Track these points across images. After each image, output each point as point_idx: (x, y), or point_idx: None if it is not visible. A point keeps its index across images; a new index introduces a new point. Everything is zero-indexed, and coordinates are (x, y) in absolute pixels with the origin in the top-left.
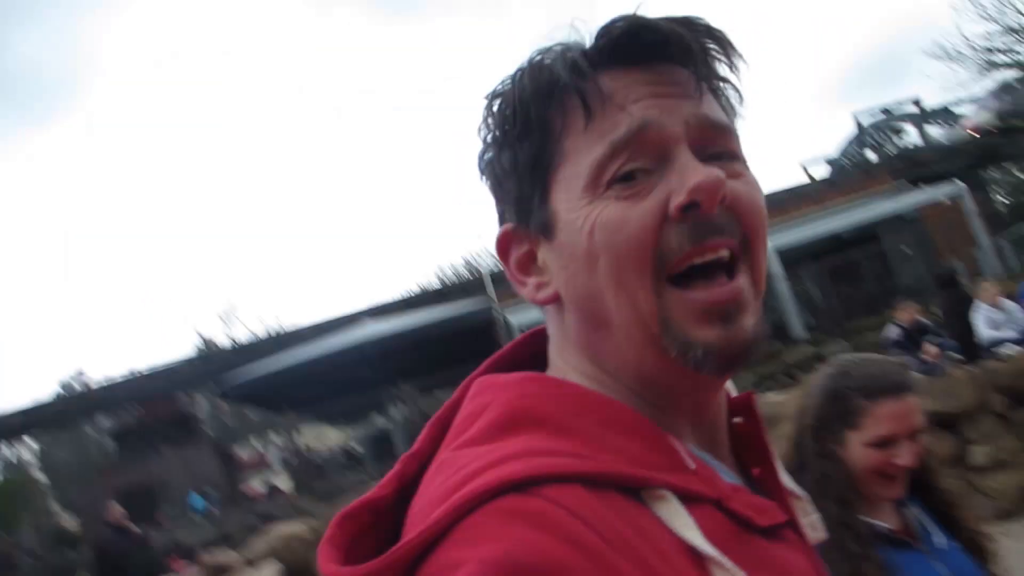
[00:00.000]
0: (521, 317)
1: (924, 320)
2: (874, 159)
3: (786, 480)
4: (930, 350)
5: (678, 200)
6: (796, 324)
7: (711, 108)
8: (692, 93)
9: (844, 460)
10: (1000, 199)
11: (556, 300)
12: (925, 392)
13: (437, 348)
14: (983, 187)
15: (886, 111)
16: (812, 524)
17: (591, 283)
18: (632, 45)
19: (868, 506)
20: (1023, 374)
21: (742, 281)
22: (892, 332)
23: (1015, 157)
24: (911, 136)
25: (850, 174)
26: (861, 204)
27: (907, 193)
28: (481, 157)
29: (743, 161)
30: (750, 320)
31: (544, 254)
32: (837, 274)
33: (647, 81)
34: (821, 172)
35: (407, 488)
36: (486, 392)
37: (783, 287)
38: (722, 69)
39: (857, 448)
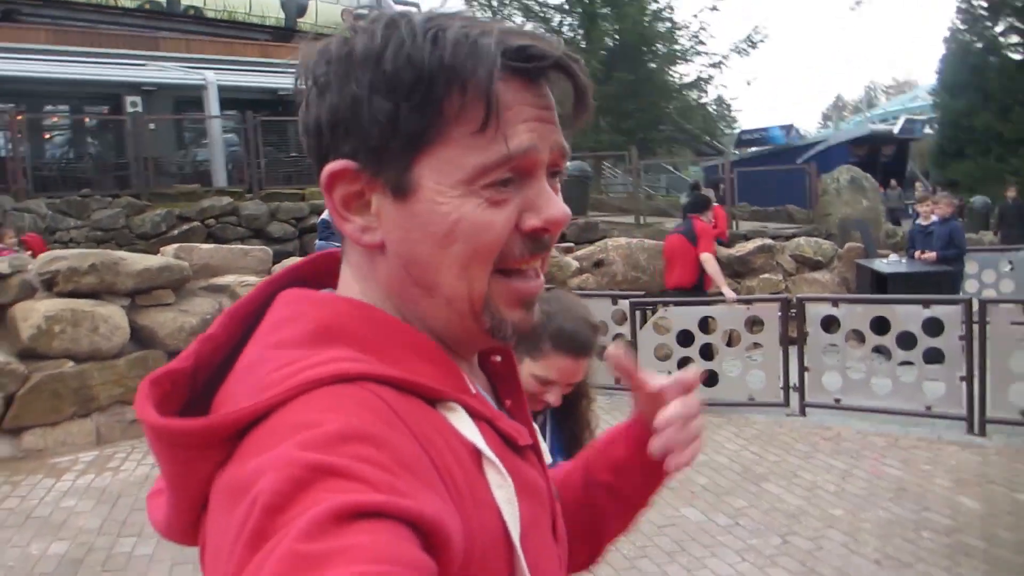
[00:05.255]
0: None
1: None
2: None
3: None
4: None
5: (534, 223)
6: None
7: (564, 134)
8: (555, 119)
9: None
10: None
11: (381, 248)
12: None
13: None
14: None
15: None
16: (544, 448)
17: (433, 257)
18: (539, 66)
19: None
20: None
21: (543, 278)
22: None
23: None
24: None
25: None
26: None
27: None
28: (336, 76)
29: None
30: (538, 307)
31: (381, 204)
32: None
33: (535, 103)
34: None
35: (201, 366)
36: (300, 303)
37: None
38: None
39: (523, 372)
